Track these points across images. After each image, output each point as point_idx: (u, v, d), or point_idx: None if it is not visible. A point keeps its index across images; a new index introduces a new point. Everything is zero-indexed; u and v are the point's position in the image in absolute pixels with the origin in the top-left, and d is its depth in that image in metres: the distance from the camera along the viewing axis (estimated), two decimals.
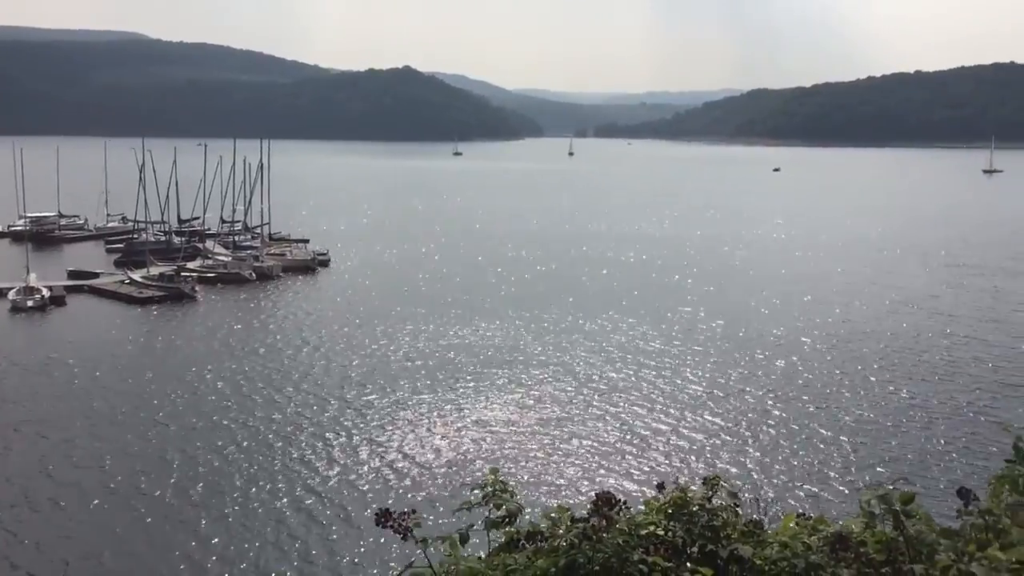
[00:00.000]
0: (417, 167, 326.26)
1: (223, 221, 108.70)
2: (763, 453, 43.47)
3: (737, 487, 5.10)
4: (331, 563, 32.92)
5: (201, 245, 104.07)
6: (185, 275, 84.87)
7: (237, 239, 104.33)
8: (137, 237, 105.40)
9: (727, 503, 4.79)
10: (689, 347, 63.76)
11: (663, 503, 4.73)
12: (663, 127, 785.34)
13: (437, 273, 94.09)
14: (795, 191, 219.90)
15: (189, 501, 37.87)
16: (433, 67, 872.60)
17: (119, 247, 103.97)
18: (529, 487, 38.21)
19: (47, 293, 76.82)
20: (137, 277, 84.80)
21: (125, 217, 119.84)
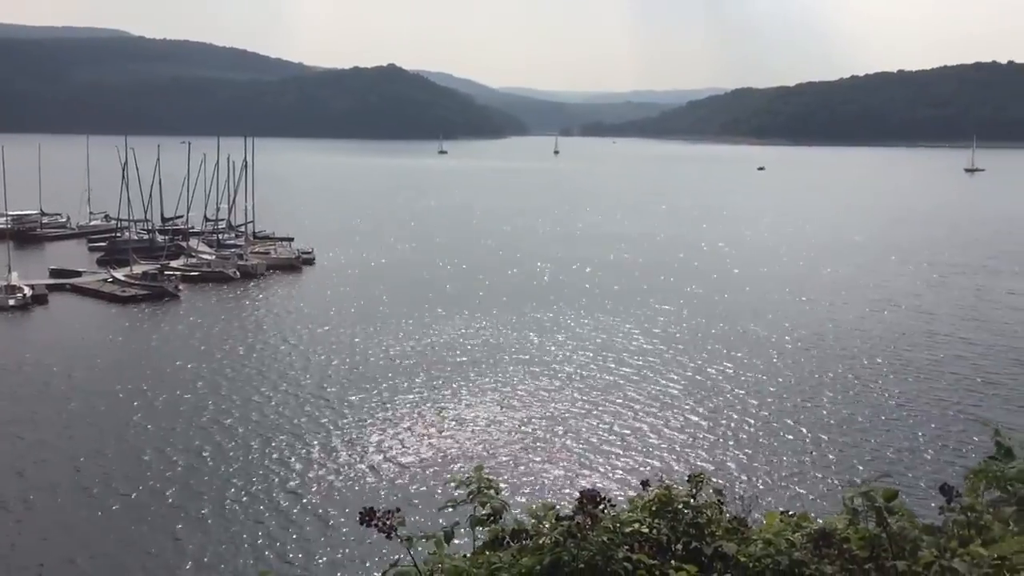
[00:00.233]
0: (402, 165, 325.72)
1: (207, 219, 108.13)
2: (747, 451, 43.64)
3: (721, 485, 5.12)
4: (315, 564, 32.74)
5: (185, 243, 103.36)
6: (169, 274, 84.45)
7: (221, 237, 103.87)
8: (120, 235, 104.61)
9: (711, 500, 4.81)
10: (673, 346, 63.92)
11: (648, 501, 4.74)
12: (648, 126, 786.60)
13: (422, 272, 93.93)
14: (779, 190, 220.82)
15: (165, 502, 37.45)
16: (418, 65, 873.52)
17: (102, 245, 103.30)
18: (513, 485, 38.19)
19: (29, 292, 76.18)
20: (120, 276, 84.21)
21: (108, 215, 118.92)
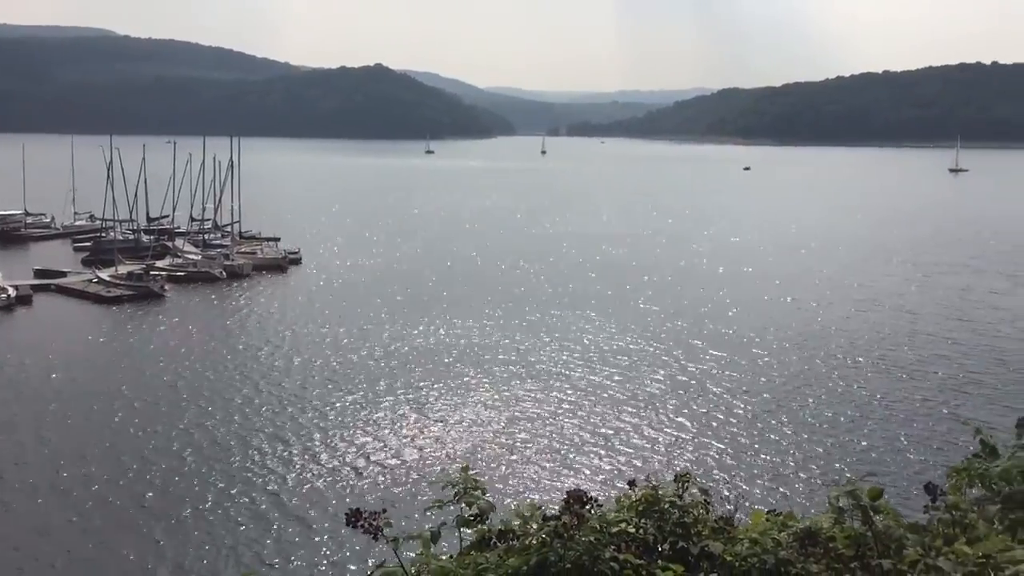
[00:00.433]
0: (389, 165, 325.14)
1: (193, 219, 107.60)
2: (733, 450, 43.76)
3: (707, 484, 5.13)
4: (300, 566, 32.55)
5: (170, 243, 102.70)
6: (154, 274, 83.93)
7: (207, 237, 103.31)
8: (105, 235, 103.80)
9: (698, 500, 4.82)
10: (658, 345, 64.03)
11: (634, 500, 4.74)
12: (635, 126, 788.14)
13: (408, 272, 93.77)
14: (765, 190, 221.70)
15: (146, 505, 37.01)
16: (405, 65, 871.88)
17: (87, 246, 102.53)
18: (500, 485, 38.15)
19: (13, 292, 75.52)
20: (105, 276, 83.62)
21: (93, 215, 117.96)
